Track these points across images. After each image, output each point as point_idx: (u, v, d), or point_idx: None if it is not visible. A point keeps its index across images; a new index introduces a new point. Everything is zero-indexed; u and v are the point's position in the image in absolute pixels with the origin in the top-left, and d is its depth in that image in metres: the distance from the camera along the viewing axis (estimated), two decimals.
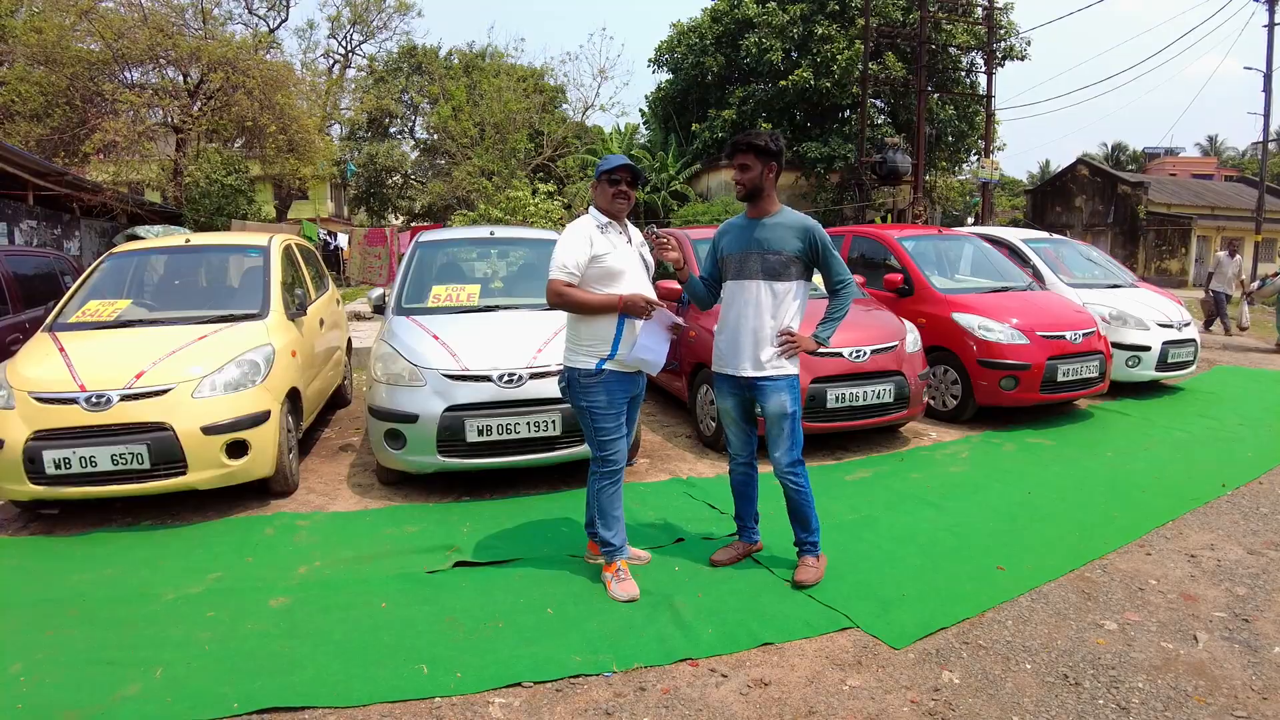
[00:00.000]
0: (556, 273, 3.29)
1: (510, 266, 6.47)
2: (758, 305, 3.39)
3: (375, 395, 4.76)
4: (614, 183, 3.38)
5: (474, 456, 4.57)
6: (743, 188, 3.41)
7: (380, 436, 4.67)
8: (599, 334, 3.38)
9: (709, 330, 5.89)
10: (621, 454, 3.50)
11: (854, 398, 5.51)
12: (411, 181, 33.32)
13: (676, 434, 6.32)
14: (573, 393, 3.46)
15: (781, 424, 3.46)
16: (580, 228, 3.41)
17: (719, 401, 3.61)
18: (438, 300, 5.47)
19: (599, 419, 3.43)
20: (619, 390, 3.44)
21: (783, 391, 3.43)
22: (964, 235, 8.39)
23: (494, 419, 4.52)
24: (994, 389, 6.41)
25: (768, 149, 3.34)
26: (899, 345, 5.81)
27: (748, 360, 3.42)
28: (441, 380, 4.56)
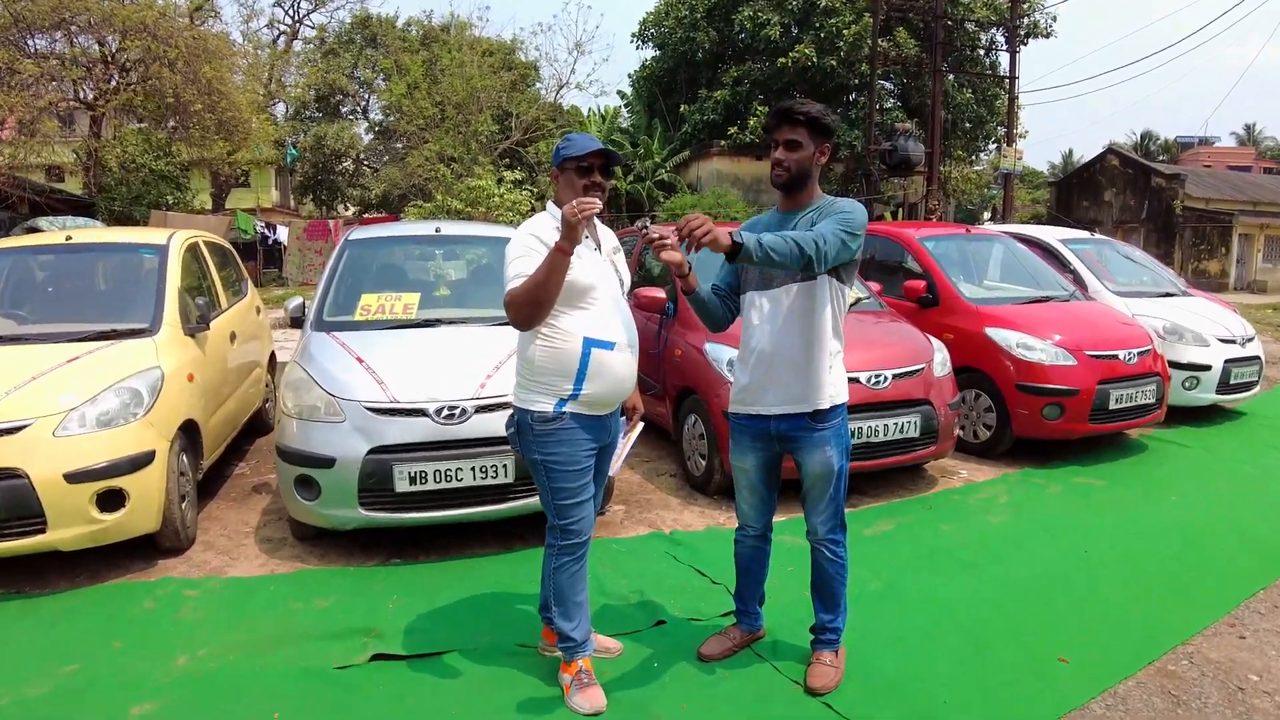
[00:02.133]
0: (510, 285, 2.95)
1: (460, 271, 6.26)
2: (792, 322, 3.05)
3: (284, 432, 4.46)
4: (583, 171, 3.04)
5: (405, 509, 4.28)
6: (785, 173, 3.05)
7: (290, 483, 4.37)
8: (558, 363, 3.01)
9: (698, 348, 5.55)
10: (586, 523, 3.11)
11: (873, 432, 5.23)
12: (365, 167, 32.97)
13: (659, 471, 6.08)
14: (523, 442, 3.09)
15: (826, 484, 3.15)
16: (534, 229, 3.06)
17: (735, 457, 3.26)
18: (367, 312, 5.20)
19: (558, 477, 3.04)
20: (584, 439, 3.06)
21: (829, 443, 3.10)
22: (994, 235, 8.18)
23: (430, 463, 4.22)
24: (1035, 418, 6.19)
25: (824, 124, 3.02)
26: (926, 368, 5.57)
27: (780, 396, 3.08)
28: (365, 415, 4.26)
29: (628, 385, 3.15)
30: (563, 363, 3.00)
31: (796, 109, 3.00)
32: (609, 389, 3.06)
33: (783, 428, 3.11)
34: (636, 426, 3.49)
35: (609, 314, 3.06)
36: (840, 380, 3.13)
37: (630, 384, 3.16)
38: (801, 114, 2.99)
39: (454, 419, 4.25)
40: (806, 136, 3.01)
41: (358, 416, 4.25)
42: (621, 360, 3.08)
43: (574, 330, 2.99)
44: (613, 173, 3.19)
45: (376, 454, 4.19)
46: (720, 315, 3.26)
